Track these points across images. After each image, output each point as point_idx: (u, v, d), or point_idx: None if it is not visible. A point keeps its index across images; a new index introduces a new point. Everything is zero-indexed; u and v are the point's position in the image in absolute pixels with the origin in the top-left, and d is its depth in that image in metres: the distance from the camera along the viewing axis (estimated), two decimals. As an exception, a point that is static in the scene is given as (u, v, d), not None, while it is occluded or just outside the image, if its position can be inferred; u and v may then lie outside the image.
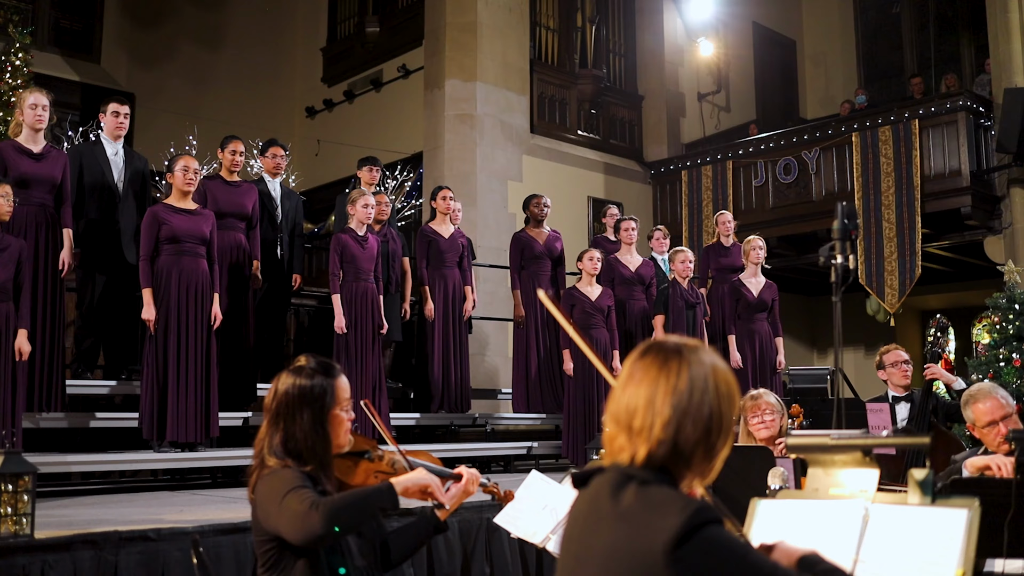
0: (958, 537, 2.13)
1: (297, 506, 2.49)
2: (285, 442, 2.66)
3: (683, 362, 1.73)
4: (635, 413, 1.72)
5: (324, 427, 2.69)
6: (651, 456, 1.70)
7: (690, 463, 1.72)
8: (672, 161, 13.53)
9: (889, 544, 2.17)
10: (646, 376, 1.74)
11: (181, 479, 6.66)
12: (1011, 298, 8.88)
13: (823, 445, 2.34)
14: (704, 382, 1.72)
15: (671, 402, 1.70)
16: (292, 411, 2.67)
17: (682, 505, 1.60)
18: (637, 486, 1.66)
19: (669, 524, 1.58)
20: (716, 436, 1.73)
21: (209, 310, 6.24)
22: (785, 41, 16.78)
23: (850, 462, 2.33)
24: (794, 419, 4.91)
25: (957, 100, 11.08)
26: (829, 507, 2.27)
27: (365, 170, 8.23)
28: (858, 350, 14.78)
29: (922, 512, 2.19)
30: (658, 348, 1.77)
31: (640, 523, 1.62)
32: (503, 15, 12.10)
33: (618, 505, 1.66)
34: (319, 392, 2.69)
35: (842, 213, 3.26)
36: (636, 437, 1.71)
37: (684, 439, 1.69)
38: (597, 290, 8.15)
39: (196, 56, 15.15)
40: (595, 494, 1.74)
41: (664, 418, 1.69)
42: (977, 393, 4.35)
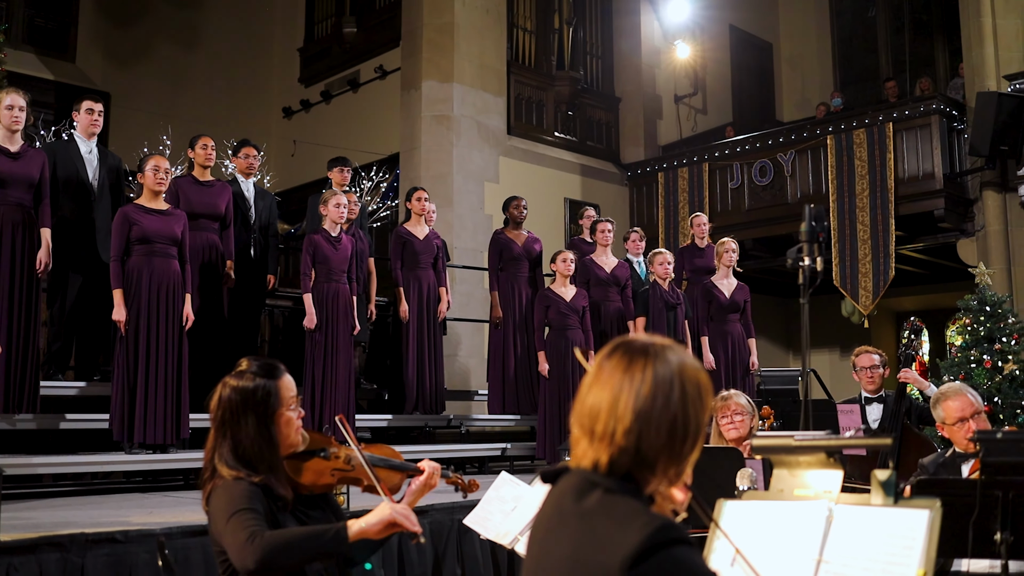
0: (920, 537, 2.13)
1: (238, 534, 2.44)
2: (234, 449, 2.63)
3: (648, 363, 1.66)
4: (598, 417, 1.66)
5: (270, 430, 2.65)
6: (613, 463, 1.64)
7: (654, 469, 1.65)
8: (649, 163, 13.56)
9: (852, 544, 2.18)
10: (611, 378, 1.67)
11: (153, 481, 6.61)
12: (982, 300, 8.95)
13: (787, 446, 2.35)
14: (669, 384, 1.65)
15: (633, 407, 1.63)
16: (236, 417, 2.63)
17: (645, 522, 1.55)
18: (602, 494, 1.61)
19: (629, 540, 1.52)
20: (682, 441, 1.66)
21: (181, 311, 6.21)
22: (762, 44, 16.86)
23: (814, 463, 2.34)
24: (764, 420, 4.93)
25: (931, 104, 11.15)
26: (793, 508, 2.28)
27: (336, 171, 8.21)
28: (834, 351, 14.86)
29: (885, 513, 2.20)
30: (625, 348, 1.71)
31: (600, 535, 1.57)
32: (480, 16, 12.10)
33: (581, 513, 1.62)
34: (262, 395, 2.65)
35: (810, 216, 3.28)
36: (598, 443, 1.65)
37: (647, 446, 1.63)
38: (571, 291, 8.16)
39: (172, 56, 15.06)
40: (560, 498, 1.70)
41: (626, 425, 1.63)
42: (947, 391, 4.39)
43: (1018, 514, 3.21)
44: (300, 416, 2.77)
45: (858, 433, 2.66)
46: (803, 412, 3.25)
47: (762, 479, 3.56)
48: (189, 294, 6.31)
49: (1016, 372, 8.46)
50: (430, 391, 8.13)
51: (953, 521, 3.26)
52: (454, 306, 9.81)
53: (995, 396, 8.42)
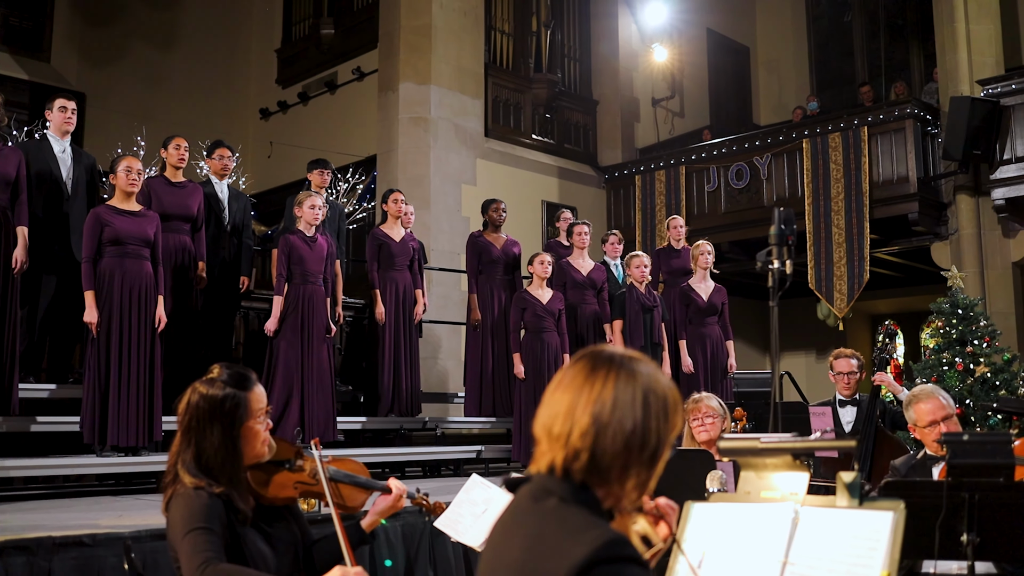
0: (884, 539, 2.15)
1: (192, 557, 2.42)
2: (197, 457, 2.60)
3: (611, 372, 1.65)
4: (556, 419, 1.66)
5: (235, 442, 2.62)
6: (567, 465, 1.63)
7: (608, 478, 1.63)
8: (626, 166, 13.59)
9: (817, 546, 2.19)
10: (572, 383, 1.67)
11: (126, 483, 6.56)
12: (954, 303, 9.03)
13: (753, 448, 2.36)
14: (631, 395, 1.64)
15: (591, 411, 1.62)
16: (202, 425, 2.60)
17: (595, 535, 1.53)
18: (558, 502, 1.60)
19: (576, 552, 1.51)
20: (639, 451, 1.63)
21: (153, 312, 6.16)
22: (739, 48, 16.93)
23: (781, 465, 2.34)
24: (737, 422, 4.95)
25: (905, 108, 11.23)
26: (760, 510, 2.29)
27: (316, 173, 8.19)
28: (810, 354, 14.94)
29: (849, 514, 2.21)
30: (591, 356, 1.70)
31: (550, 544, 1.56)
32: (457, 19, 12.09)
33: (535, 520, 1.61)
34: (230, 406, 2.61)
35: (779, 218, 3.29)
36: (554, 443, 1.65)
37: (601, 451, 1.61)
38: (548, 294, 8.17)
39: (148, 56, 14.96)
40: (518, 503, 1.70)
41: (582, 427, 1.62)
42: (920, 394, 4.41)
43: (984, 515, 3.23)
44: (267, 428, 2.73)
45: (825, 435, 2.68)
46: (772, 414, 3.26)
47: (732, 481, 3.57)
48: (162, 296, 6.27)
49: (987, 375, 8.54)
50: (406, 393, 8.12)
51: (920, 523, 3.28)
52: (431, 308, 9.80)
53: (967, 398, 8.48)
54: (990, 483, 3.23)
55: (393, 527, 4.48)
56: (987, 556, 3.29)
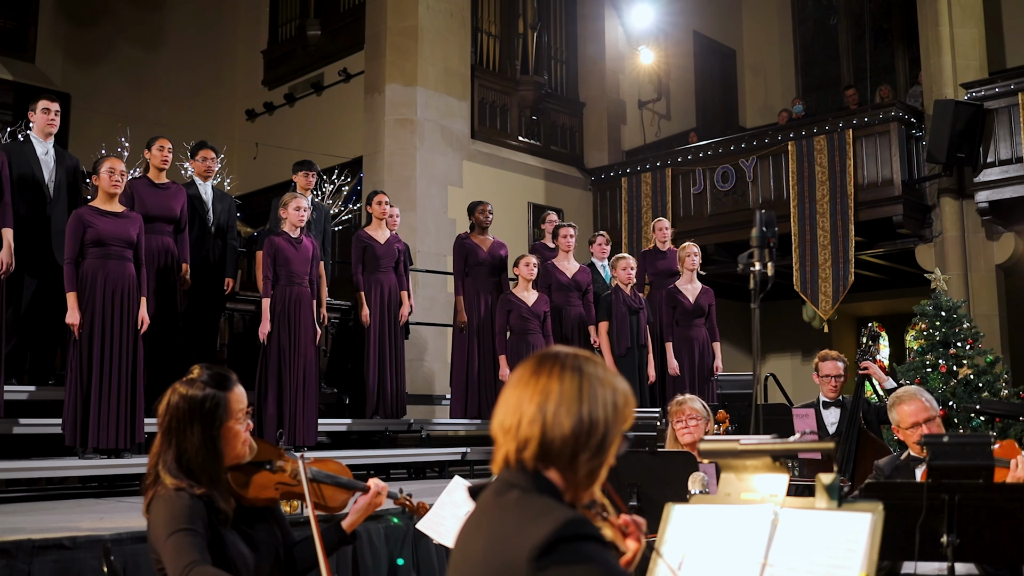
0: (862, 540, 2.15)
1: (176, 559, 2.43)
2: (178, 458, 2.60)
3: (555, 366, 1.73)
4: (507, 414, 1.73)
5: (215, 443, 2.63)
6: (520, 454, 1.70)
7: (558, 463, 1.70)
8: (612, 168, 13.60)
9: (797, 547, 2.20)
10: (520, 381, 1.75)
11: (110, 486, 6.53)
12: (938, 305, 9.07)
13: (732, 450, 2.37)
14: (577, 385, 1.71)
15: (536, 400, 1.70)
16: (183, 426, 2.61)
17: (555, 516, 1.59)
18: (519, 493, 1.67)
19: (538, 533, 1.57)
20: (587, 438, 1.70)
21: (136, 314, 6.14)
22: (725, 50, 16.97)
23: (761, 467, 2.35)
24: (720, 424, 4.96)
25: (889, 111, 11.27)
26: (740, 511, 2.30)
27: (301, 175, 8.17)
28: (795, 356, 14.99)
29: (828, 516, 2.22)
30: (539, 356, 1.78)
31: (512, 529, 1.62)
32: (444, 20, 12.09)
33: (498, 512, 1.68)
34: (210, 406, 2.62)
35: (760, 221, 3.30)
36: (507, 436, 1.72)
37: (550, 438, 1.68)
38: (533, 296, 8.17)
39: (134, 57, 14.91)
40: (483, 502, 1.76)
41: (529, 416, 1.69)
42: (903, 395, 4.43)
43: (964, 517, 3.25)
44: (248, 428, 2.73)
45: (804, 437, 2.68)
46: (753, 416, 3.27)
47: (714, 483, 3.58)
48: (144, 297, 6.24)
49: (970, 376, 8.58)
50: (391, 395, 8.10)
51: (901, 524, 3.30)
52: (418, 310, 9.79)
53: (950, 400, 8.52)
54: (970, 484, 3.24)
55: (376, 529, 4.47)
56: (967, 557, 3.31)
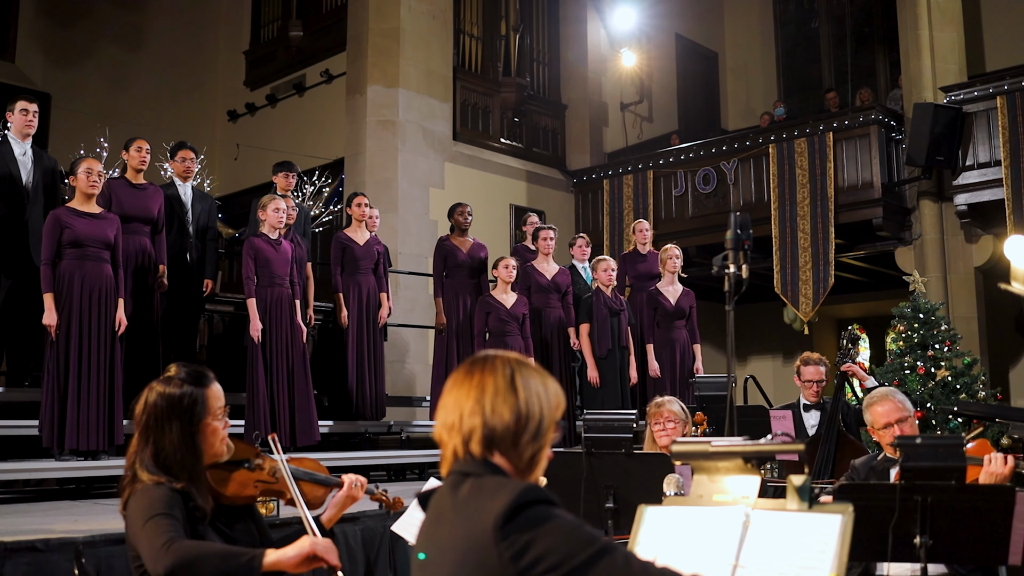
0: (832, 542, 2.16)
1: (154, 538, 2.42)
2: (155, 455, 2.61)
3: (487, 365, 1.86)
4: (448, 414, 1.85)
5: (194, 439, 2.64)
6: (467, 445, 1.81)
7: (503, 448, 1.81)
8: (594, 170, 13.62)
9: (768, 549, 2.20)
10: (455, 383, 1.87)
11: (87, 488, 6.49)
12: (916, 308, 9.11)
13: (704, 452, 2.38)
14: (509, 378, 1.84)
15: (474, 395, 1.82)
16: (161, 423, 2.61)
17: (512, 487, 1.71)
18: (472, 480, 1.77)
19: (498, 504, 1.68)
20: (526, 424, 1.82)
21: (113, 316, 6.11)
22: (707, 53, 17.02)
23: (733, 469, 2.36)
24: (698, 427, 4.97)
25: (869, 114, 11.31)
26: (711, 513, 2.30)
27: (281, 176, 8.15)
28: (776, 357, 15.04)
29: (799, 517, 2.22)
30: (469, 360, 1.92)
31: (474, 510, 1.71)
32: (426, 22, 12.08)
33: (456, 500, 1.77)
34: (188, 402, 2.64)
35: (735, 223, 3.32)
36: (452, 432, 1.83)
37: (492, 425, 1.80)
38: (512, 298, 8.17)
39: (115, 57, 14.84)
40: (437, 501, 1.85)
41: (469, 408, 1.82)
42: (876, 396, 4.44)
43: (936, 518, 3.26)
44: (226, 426, 2.74)
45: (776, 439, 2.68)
46: (728, 418, 3.28)
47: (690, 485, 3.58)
48: (122, 299, 6.21)
49: (948, 378, 8.63)
50: (370, 397, 8.09)
51: (874, 525, 3.32)
52: (399, 312, 9.77)
53: (927, 402, 8.57)
54: (942, 486, 3.26)
55: (353, 531, 4.47)
56: (939, 558, 3.33)
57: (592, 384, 8.48)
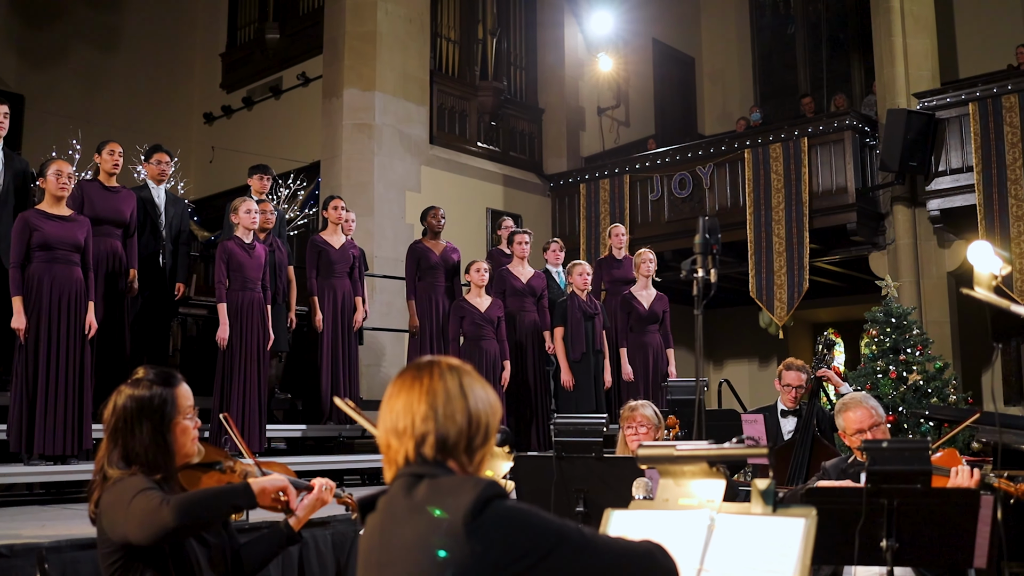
0: (795, 545, 2.17)
1: (146, 504, 2.46)
2: (125, 456, 2.62)
3: (434, 370, 1.87)
4: (398, 418, 1.84)
5: (166, 438, 2.65)
6: (419, 450, 1.82)
7: (455, 453, 1.83)
8: (571, 174, 13.64)
9: (732, 553, 2.21)
10: (402, 388, 1.87)
11: (57, 493, 6.44)
12: (888, 312, 9.18)
13: (668, 456, 2.38)
14: (458, 385, 1.86)
15: (427, 400, 1.83)
16: (130, 424, 2.63)
17: (473, 483, 1.73)
18: (428, 480, 1.77)
19: (464, 500, 1.69)
20: (475, 429, 1.85)
21: (83, 319, 6.06)
22: (684, 58, 17.09)
23: (698, 473, 2.37)
24: (670, 431, 4.98)
25: (844, 120, 11.39)
26: (677, 517, 2.31)
27: (255, 178, 8.11)
28: (752, 362, 15.11)
29: (763, 521, 2.23)
30: (412, 365, 1.92)
31: (437, 507, 1.71)
32: (403, 25, 12.07)
33: (412, 501, 1.76)
34: (158, 403, 2.65)
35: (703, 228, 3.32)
36: (403, 437, 1.83)
37: (445, 430, 1.82)
38: (486, 301, 8.16)
39: (90, 58, 14.74)
40: (388, 504, 1.83)
41: (422, 414, 1.82)
42: (849, 402, 4.45)
43: (903, 521, 3.28)
44: (196, 426, 2.76)
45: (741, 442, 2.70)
46: (696, 421, 3.29)
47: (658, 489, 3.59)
48: (92, 302, 6.16)
49: (920, 382, 8.69)
50: (345, 401, 8.05)
51: (841, 528, 3.33)
52: (375, 316, 9.73)
53: (900, 406, 8.64)
54: (908, 489, 3.28)
55: (323, 535, 4.45)
56: (906, 562, 3.34)
57: (566, 387, 8.49)
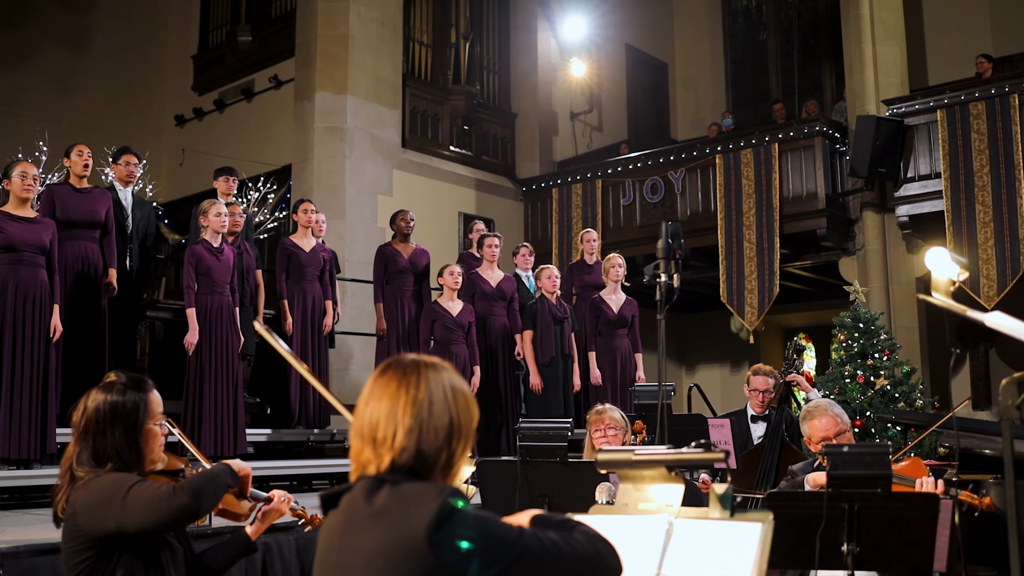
0: (752, 549, 2.19)
1: (152, 493, 2.52)
2: (94, 456, 2.65)
3: (421, 376, 1.81)
4: (377, 425, 1.78)
5: (137, 442, 2.69)
6: (395, 463, 1.77)
7: (433, 469, 1.79)
8: (543, 179, 13.65)
9: (690, 557, 2.22)
10: (386, 391, 1.80)
11: (21, 498, 6.36)
12: (856, 317, 9.24)
13: (627, 460, 2.39)
14: (443, 394, 1.81)
15: (412, 412, 1.77)
16: (102, 427, 2.66)
17: (436, 492, 1.70)
18: (390, 486, 1.74)
19: (426, 510, 1.67)
20: (456, 443, 1.82)
21: (48, 321, 6.00)
22: (657, 64, 17.15)
23: (657, 478, 2.37)
24: (637, 435, 4.98)
25: (814, 126, 11.47)
26: (635, 521, 2.32)
27: (221, 180, 8.07)
28: (724, 366, 15.17)
29: (721, 526, 2.24)
30: (397, 364, 1.85)
31: (398, 516, 1.69)
32: (376, 28, 12.04)
33: (373, 507, 1.73)
34: (131, 407, 2.69)
35: (666, 232, 3.34)
36: (380, 447, 1.78)
37: (427, 446, 1.78)
38: (458, 305, 8.15)
39: (60, 59, 14.60)
40: (349, 505, 1.80)
41: (406, 427, 1.77)
42: (814, 410, 4.46)
43: (864, 525, 3.30)
44: (164, 433, 2.80)
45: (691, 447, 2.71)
46: (659, 426, 3.30)
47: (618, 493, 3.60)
48: (57, 304, 6.10)
49: (887, 387, 8.75)
50: (313, 405, 8.02)
51: (803, 533, 3.35)
52: (346, 319, 9.70)
53: (867, 410, 8.69)
54: (869, 493, 3.30)
55: (287, 540, 4.43)
56: (867, 565, 3.36)
57: (535, 391, 8.50)
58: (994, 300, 9.59)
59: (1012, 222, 9.78)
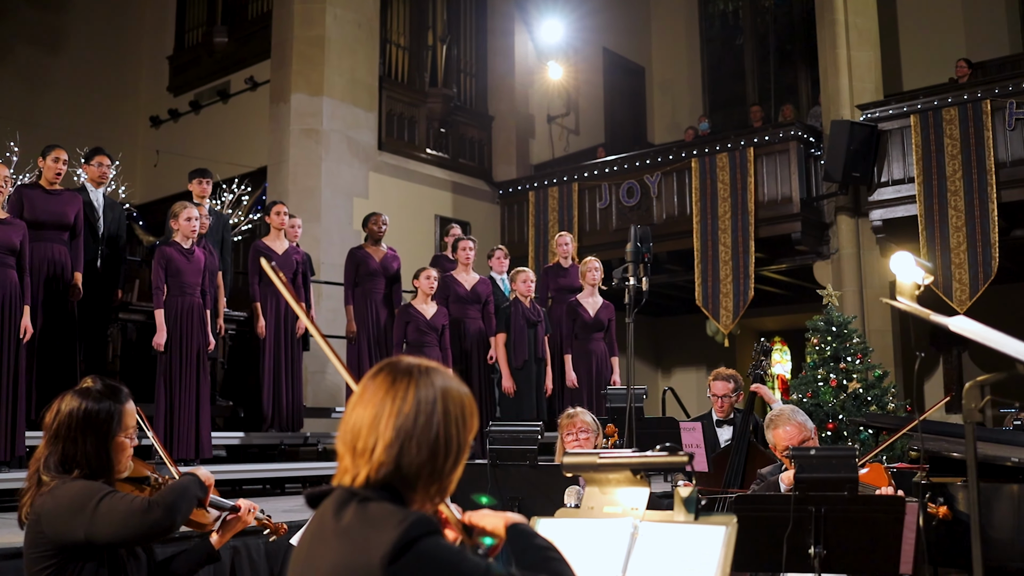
0: (716, 552, 2.19)
1: (126, 506, 2.51)
2: (62, 461, 2.63)
3: (412, 383, 1.70)
4: (359, 434, 1.68)
5: (108, 452, 2.67)
6: (371, 479, 1.66)
7: (415, 486, 1.68)
8: (520, 182, 13.66)
9: (655, 560, 2.23)
10: (374, 397, 1.70)
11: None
12: (829, 321, 9.29)
13: (592, 464, 2.39)
14: (432, 404, 1.69)
15: (395, 424, 1.66)
16: (74, 433, 2.63)
17: (399, 519, 1.58)
18: (357, 504, 1.64)
19: (385, 539, 1.56)
20: (444, 458, 1.70)
21: (18, 323, 5.95)
22: (634, 67, 17.20)
23: (623, 481, 2.38)
24: (608, 438, 4.98)
25: (789, 130, 11.52)
26: (601, 525, 2.32)
27: (195, 182, 8.03)
28: (700, 369, 15.20)
29: (685, 529, 2.25)
30: (390, 368, 1.74)
31: (358, 540, 1.60)
32: (352, 30, 12.01)
33: (339, 524, 1.64)
34: (105, 416, 2.66)
35: (635, 236, 3.35)
36: (358, 459, 1.68)
37: (407, 462, 1.66)
38: (432, 308, 8.14)
39: (33, 59, 14.49)
40: (322, 515, 1.72)
41: (386, 440, 1.66)
42: (777, 418, 4.48)
43: (830, 528, 3.32)
44: (133, 445, 2.79)
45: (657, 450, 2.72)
46: (628, 429, 3.30)
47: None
48: (28, 305, 6.05)
49: (859, 390, 8.80)
50: (287, 408, 7.98)
51: (770, 536, 3.36)
52: (321, 322, 9.65)
53: (840, 413, 8.74)
54: (835, 497, 3.32)
55: (256, 545, 4.40)
56: (834, 568, 3.38)
57: (507, 394, 8.49)
58: (966, 304, 9.66)
59: (984, 227, 9.86)
